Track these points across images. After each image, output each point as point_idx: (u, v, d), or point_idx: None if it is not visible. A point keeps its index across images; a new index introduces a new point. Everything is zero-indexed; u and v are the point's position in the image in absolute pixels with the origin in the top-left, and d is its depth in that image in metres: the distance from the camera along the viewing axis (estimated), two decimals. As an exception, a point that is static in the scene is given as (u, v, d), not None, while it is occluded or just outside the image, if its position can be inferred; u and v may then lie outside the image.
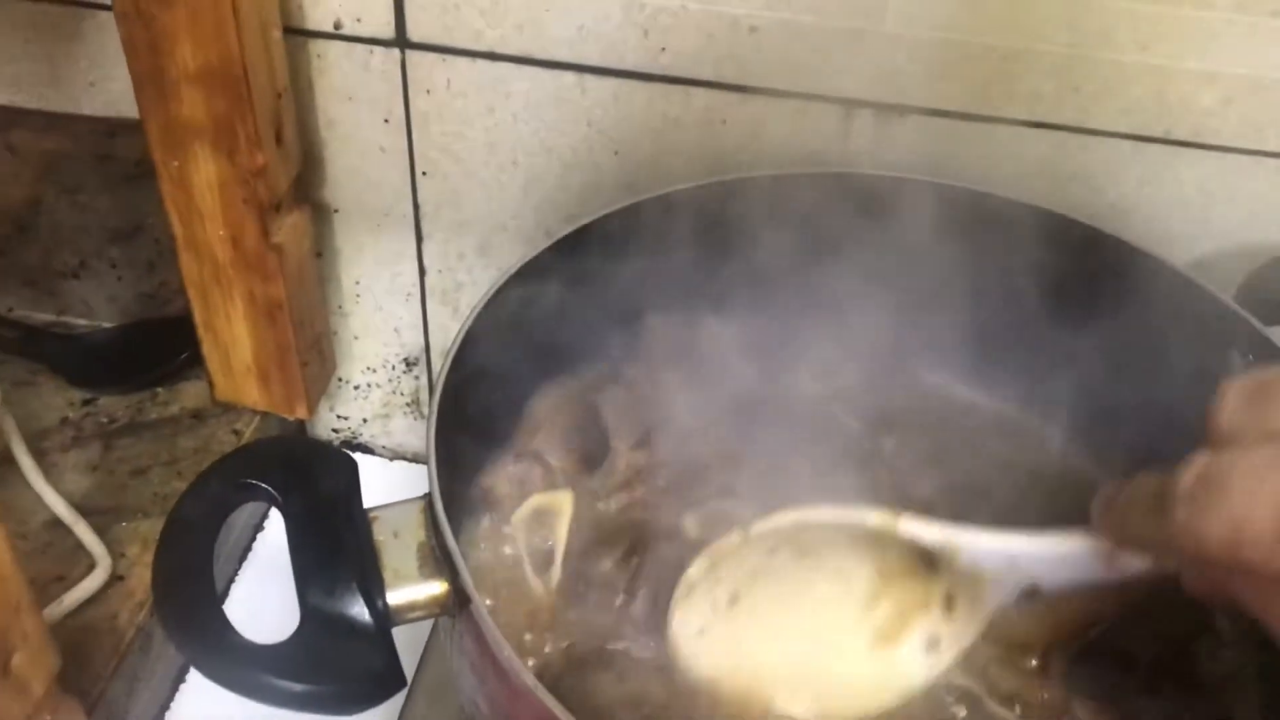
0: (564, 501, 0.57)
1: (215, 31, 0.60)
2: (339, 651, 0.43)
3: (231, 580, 0.78)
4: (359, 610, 0.44)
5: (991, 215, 0.62)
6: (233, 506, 0.47)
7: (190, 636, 0.42)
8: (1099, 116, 0.64)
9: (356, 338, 0.84)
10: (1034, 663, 0.51)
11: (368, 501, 0.49)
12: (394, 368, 0.85)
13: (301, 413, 0.78)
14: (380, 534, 0.46)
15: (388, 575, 0.45)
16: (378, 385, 0.86)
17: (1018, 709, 0.50)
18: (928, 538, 0.45)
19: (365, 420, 0.89)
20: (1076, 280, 0.61)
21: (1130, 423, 0.60)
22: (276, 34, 0.65)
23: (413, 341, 0.83)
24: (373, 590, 0.44)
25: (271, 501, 0.46)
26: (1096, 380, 0.61)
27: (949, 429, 0.65)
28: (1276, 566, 0.32)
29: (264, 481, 0.46)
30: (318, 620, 0.43)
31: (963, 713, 0.50)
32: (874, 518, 0.46)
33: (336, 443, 0.90)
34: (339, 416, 0.89)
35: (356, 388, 0.87)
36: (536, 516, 0.57)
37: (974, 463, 0.62)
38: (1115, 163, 0.65)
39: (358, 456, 0.88)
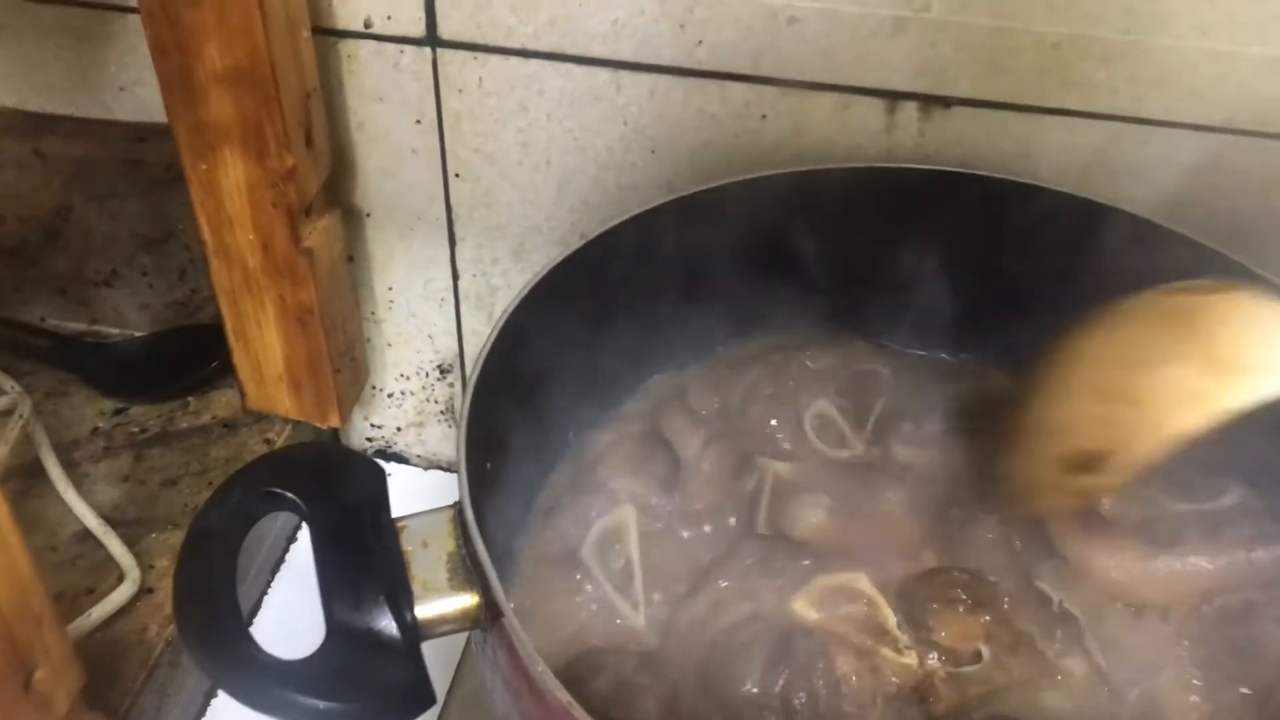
0: (627, 517, 0.55)
1: (243, 30, 0.59)
2: (366, 667, 0.41)
3: (264, 592, 0.76)
4: (387, 624, 0.42)
5: (1044, 210, 0.60)
6: (257, 516, 0.45)
7: (211, 652, 0.40)
8: (1155, 106, 0.61)
9: (390, 345, 0.82)
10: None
11: (401, 513, 0.47)
12: (428, 375, 0.84)
13: (334, 421, 0.76)
14: (409, 544, 0.44)
15: (416, 587, 0.43)
16: (411, 393, 0.85)
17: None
18: None
19: (399, 429, 0.87)
20: (1139, 277, 0.58)
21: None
22: (305, 33, 0.64)
23: (447, 348, 0.82)
24: (401, 603, 0.42)
25: (296, 511, 0.44)
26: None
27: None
28: None
29: (289, 490, 0.44)
30: (344, 635, 0.41)
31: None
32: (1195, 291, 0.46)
33: (370, 452, 0.89)
34: (373, 425, 0.87)
35: (390, 395, 0.86)
36: (604, 539, 0.55)
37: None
38: (1173, 154, 0.63)
39: (391, 466, 0.88)
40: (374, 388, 0.85)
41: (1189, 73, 0.60)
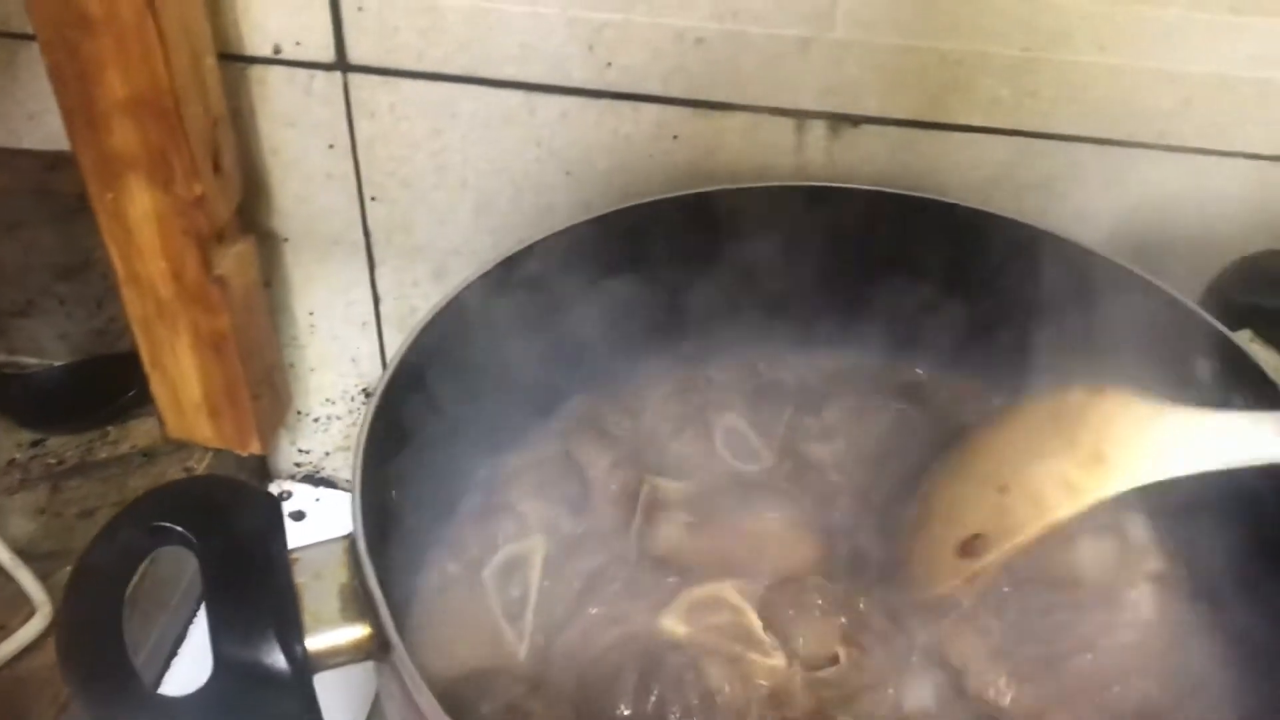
0: (535, 549, 0.55)
1: (143, 59, 0.58)
2: (254, 701, 0.41)
3: (187, 627, 0.75)
4: (275, 657, 0.41)
5: (952, 224, 0.61)
6: (146, 552, 0.44)
7: (94, 690, 0.39)
8: (1059, 121, 0.62)
9: (313, 369, 0.82)
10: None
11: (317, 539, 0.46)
12: (353, 399, 0.83)
13: (255, 448, 0.76)
14: (301, 576, 0.44)
15: (307, 619, 0.43)
16: (337, 417, 0.84)
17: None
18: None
19: (327, 453, 0.87)
20: (1040, 288, 0.59)
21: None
22: (210, 60, 0.63)
23: (370, 371, 0.81)
24: (290, 635, 0.42)
25: (187, 545, 0.44)
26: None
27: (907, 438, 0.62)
28: None
29: (178, 524, 0.43)
30: (231, 669, 0.41)
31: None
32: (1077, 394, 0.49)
33: (299, 477, 0.88)
34: (300, 450, 0.87)
35: (316, 420, 0.85)
36: (508, 567, 0.54)
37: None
38: (1077, 168, 0.63)
39: (320, 490, 0.87)
40: (299, 412, 0.84)
41: (1090, 88, 0.61)
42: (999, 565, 0.49)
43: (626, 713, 0.46)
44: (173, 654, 0.75)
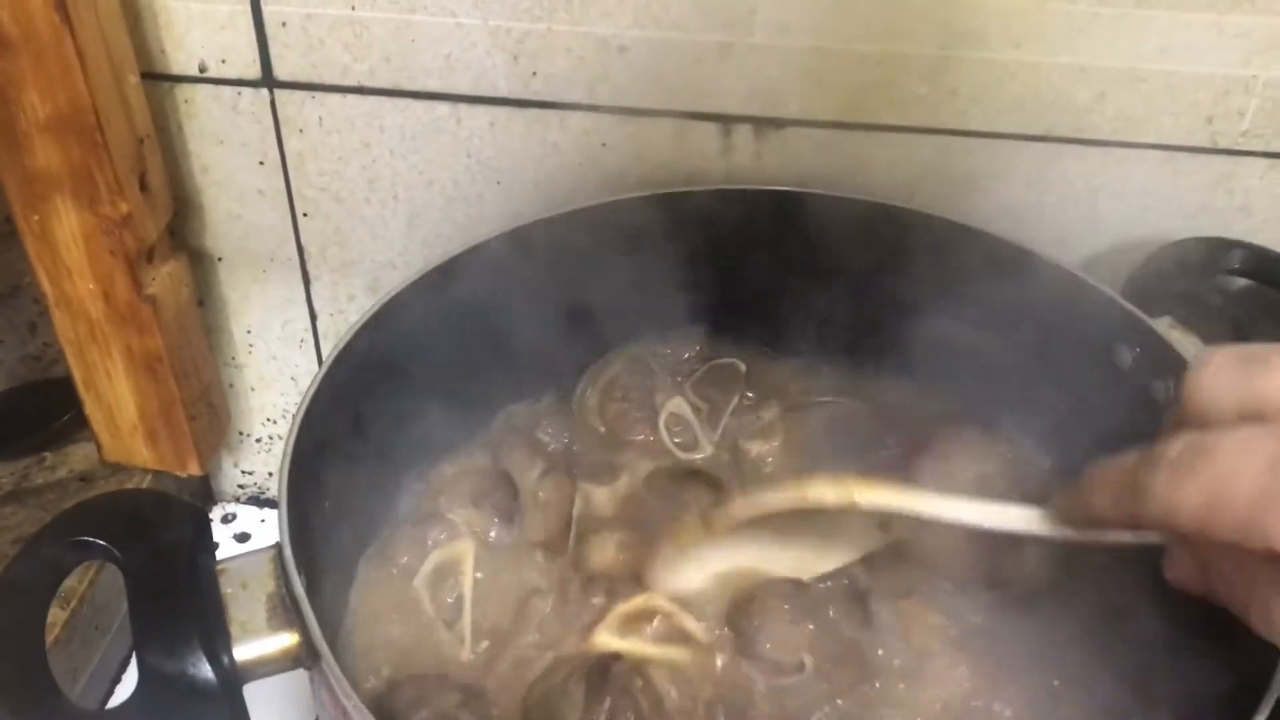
0: (464, 551, 0.55)
1: (62, 78, 0.58)
2: (181, 712, 0.41)
3: (132, 651, 0.75)
4: (202, 667, 0.41)
5: (877, 223, 0.61)
6: (69, 566, 0.44)
7: (11, 703, 0.39)
8: (978, 118, 0.63)
9: (253, 389, 0.82)
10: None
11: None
12: (294, 418, 0.83)
13: (194, 469, 0.75)
14: (228, 586, 0.44)
15: (234, 629, 0.43)
16: (279, 437, 0.84)
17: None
18: (885, 505, 0.44)
19: (270, 474, 0.86)
20: (968, 283, 0.60)
21: (1030, 420, 0.59)
22: (133, 79, 0.63)
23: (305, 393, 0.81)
24: (217, 645, 0.42)
25: (110, 559, 0.44)
26: (993, 381, 0.60)
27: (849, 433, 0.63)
28: (1250, 538, 0.31)
29: (101, 538, 0.43)
30: (157, 680, 0.41)
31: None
32: (831, 495, 0.45)
33: (243, 499, 0.88)
34: (243, 472, 0.86)
35: (259, 441, 0.84)
36: (438, 572, 0.54)
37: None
38: (1000, 164, 0.65)
39: (265, 512, 0.87)
40: (241, 433, 0.84)
41: (1007, 84, 0.62)
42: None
43: None
44: (116, 679, 0.74)
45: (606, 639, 0.49)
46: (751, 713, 0.47)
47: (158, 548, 0.44)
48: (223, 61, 0.66)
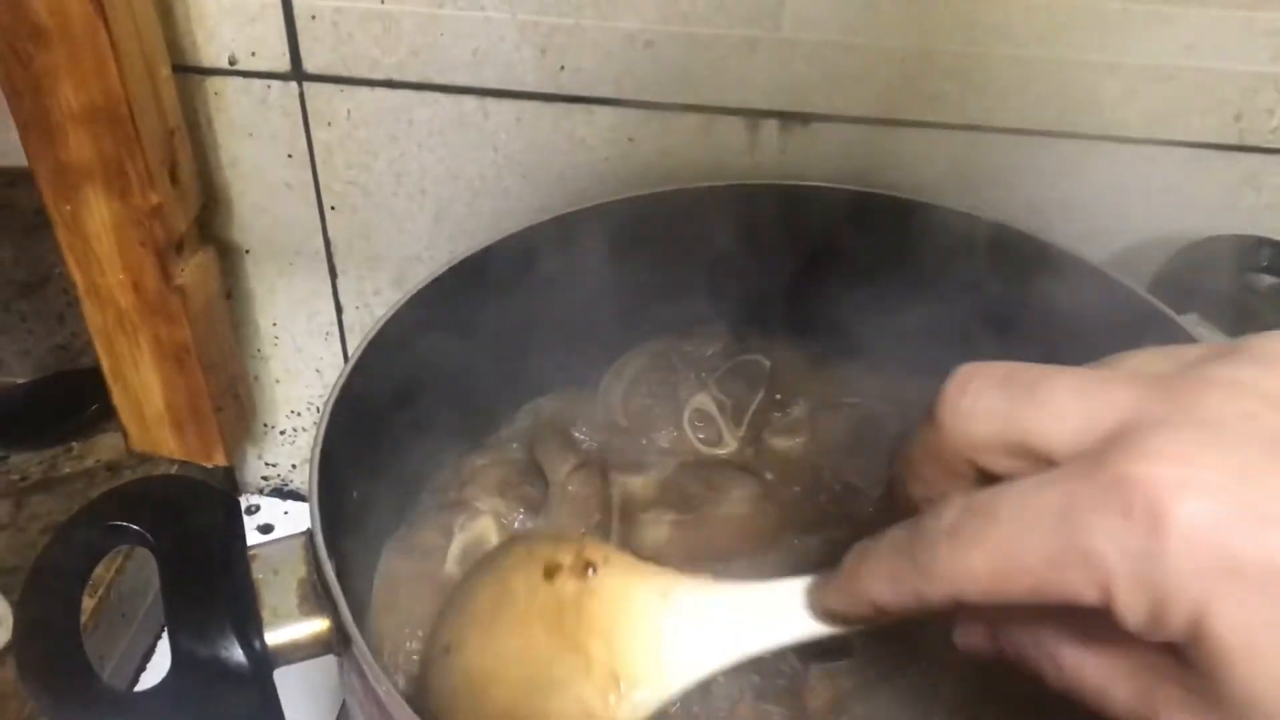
0: (487, 529, 0.55)
1: (96, 70, 0.59)
2: (212, 696, 0.41)
3: (156, 640, 0.75)
4: (234, 652, 0.41)
5: (903, 219, 0.61)
6: (103, 551, 0.44)
7: (50, 687, 0.39)
8: (1006, 114, 0.63)
9: (278, 381, 0.82)
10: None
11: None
12: (318, 410, 0.83)
13: (219, 460, 0.76)
14: (259, 572, 0.44)
15: (266, 614, 0.43)
16: (304, 429, 0.84)
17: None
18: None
19: (294, 466, 0.87)
20: (995, 280, 0.60)
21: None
22: (165, 71, 0.64)
23: (335, 383, 0.81)
24: (249, 630, 0.42)
25: (144, 544, 0.44)
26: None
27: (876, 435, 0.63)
28: (1047, 596, 0.29)
29: (135, 523, 0.44)
30: (190, 664, 0.41)
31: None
32: (568, 586, 0.40)
33: (267, 490, 0.88)
34: (267, 464, 0.87)
35: (283, 433, 0.85)
36: (465, 553, 0.55)
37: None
38: (1026, 160, 0.64)
39: (289, 504, 0.87)
40: (265, 425, 0.84)
41: (1034, 81, 0.62)
42: None
43: None
44: (141, 667, 0.74)
45: None
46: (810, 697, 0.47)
47: (190, 533, 0.44)
48: (252, 54, 0.67)
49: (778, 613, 0.38)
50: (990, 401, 0.31)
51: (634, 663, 0.38)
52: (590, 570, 0.40)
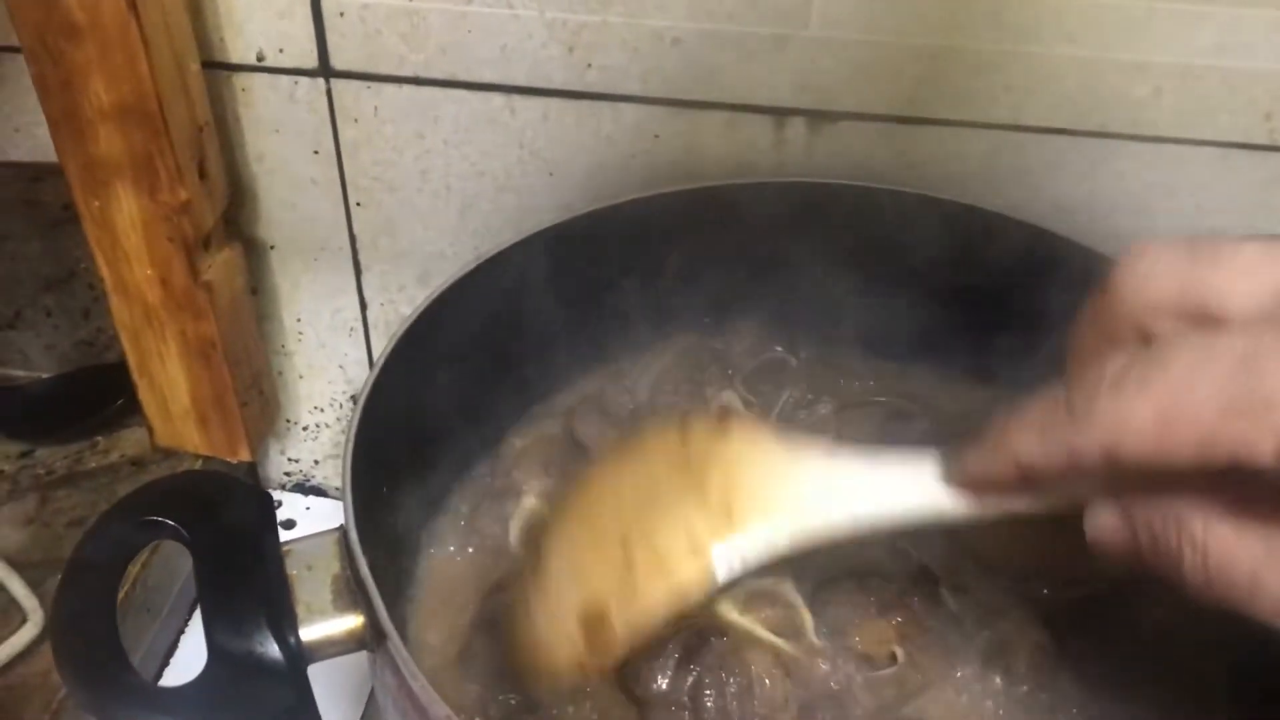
0: (541, 509, 0.56)
1: (127, 66, 0.59)
2: (248, 691, 0.41)
3: (180, 634, 0.76)
4: (269, 647, 0.42)
5: (931, 218, 0.61)
6: (138, 546, 0.45)
7: (86, 681, 0.40)
8: (1031, 113, 0.63)
9: (302, 377, 0.82)
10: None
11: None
12: (342, 406, 0.84)
13: (244, 455, 0.76)
14: (293, 568, 0.44)
15: (300, 610, 0.43)
16: (326, 425, 0.85)
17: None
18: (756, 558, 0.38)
19: (317, 462, 0.87)
20: (1023, 280, 0.59)
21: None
22: (194, 67, 0.64)
23: (359, 378, 0.82)
24: (284, 626, 0.42)
25: (179, 539, 0.44)
26: (1048, 381, 0.60)
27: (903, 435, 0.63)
28: (1215, 453, 0.26)
29: (169, 518, 0.44)
30: (225, 659, 0.41)
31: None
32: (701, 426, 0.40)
33: (289, 486, 0.88)
34: (289, 459, 0.87)
35: (305, 429, 0.85)
36: (525, 534, 0.55)
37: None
38: (1053, 159, 0.64)
39: (310, 499, 0.88)
40: (289, 421, 0.85)
41: (1061, 79, 0.62)
42: (623, 644, 0.39)
43: (664, 687, 0.46)
44: (166, 661, 0.75)
45: (728, 609, 0.48)
46: (852, 710, 0.47)
47: (224, 528, 0.44)
48: (280, 51, 0.67)
49: (905, 481, 0.36)
50: (1171, 263, 0.31)
51: (749, 505, 0.38)
52: (725, 420, 0.41)
